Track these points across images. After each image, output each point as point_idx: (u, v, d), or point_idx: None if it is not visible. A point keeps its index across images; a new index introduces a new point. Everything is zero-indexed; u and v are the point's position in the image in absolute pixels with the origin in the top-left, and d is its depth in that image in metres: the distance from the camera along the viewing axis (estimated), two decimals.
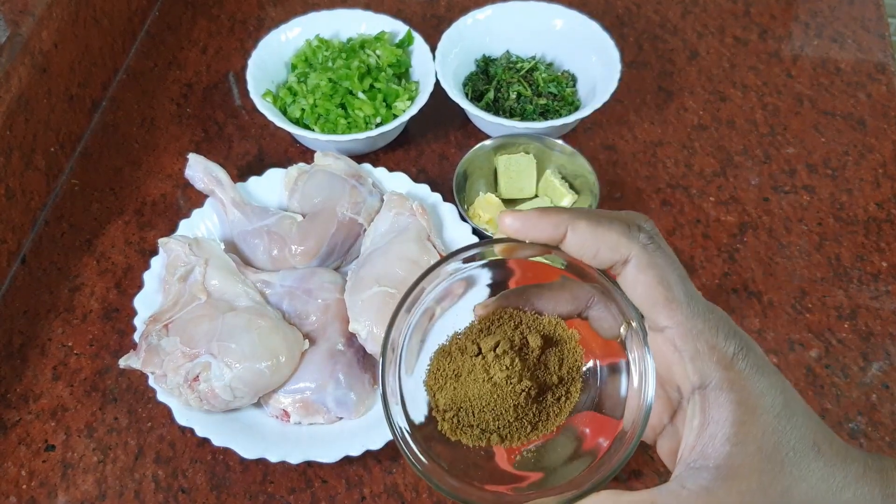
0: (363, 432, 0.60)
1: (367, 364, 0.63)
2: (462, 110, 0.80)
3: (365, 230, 0.69)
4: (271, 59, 0.82)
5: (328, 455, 0.58)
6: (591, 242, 0.33)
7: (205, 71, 0.89)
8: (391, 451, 0.61)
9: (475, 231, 0.70)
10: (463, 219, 0.70)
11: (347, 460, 0.59)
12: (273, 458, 0.58)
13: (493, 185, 0.76)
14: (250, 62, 0.79)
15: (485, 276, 0.38)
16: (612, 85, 0.77)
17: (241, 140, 0.83)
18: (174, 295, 0.63)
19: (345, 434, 0.60)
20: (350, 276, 0.65)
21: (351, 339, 0.63)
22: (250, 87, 0.77)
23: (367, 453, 0.58)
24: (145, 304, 0.65)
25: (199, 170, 0.70)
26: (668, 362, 0.33)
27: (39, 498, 0.60)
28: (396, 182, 0.73)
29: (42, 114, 0.74)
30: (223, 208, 0.70)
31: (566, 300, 0.36)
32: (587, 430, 0.37)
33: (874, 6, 0.94)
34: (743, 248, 0.74)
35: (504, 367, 0.35)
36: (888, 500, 0.33)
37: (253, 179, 0.73)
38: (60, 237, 0.75)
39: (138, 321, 0.64)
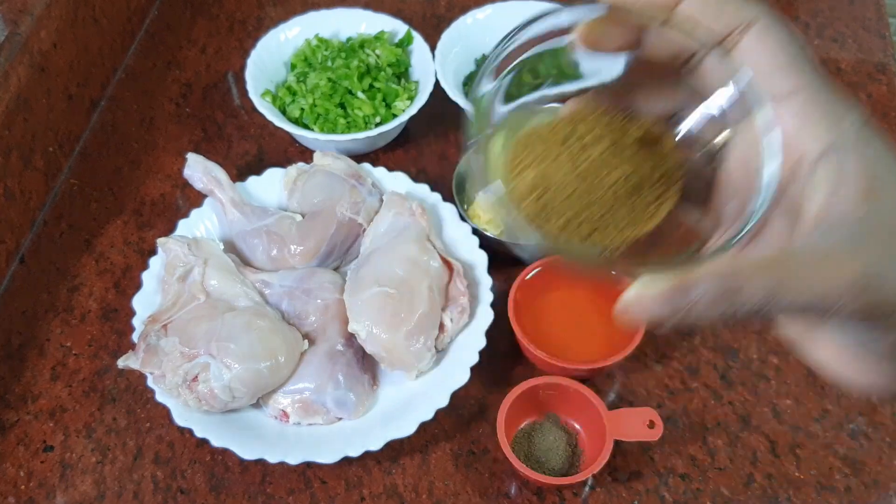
0: (362, 433, 0.59)
1: (366, 364, 0.63)
2: (462, 110, 0.80)
3: (364, 230, 0.69)
4: (270, 58, 0.81)
5: (327, 456, 0.58)
6: (714, 2, 0.30)
7: (204, 71, 0.89)
8: (391, 451, 0.61)
9: (475, 231, 0.69)
10: (463, 219, 0.70)
11: (347, 461, 0.59)
12: (272, 459, 0.57)
13: None
14: (249, 62, 0.79)
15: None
16: None
17: (241, 140, 0.82)
18: (173, 295, 0.63)
19: (344, 434, 0.60)
20: (350, 276, 0.65)
21: (350, 339, 0.63)
22: (249, 86, 0.77)
23: (367, 454, 0.58)
24: (144, 304, 0.64)
25: (199, 169, 0.70)
26: (785, 132, 0.30)
27: (38, 498, 0.60)
28: (396, 182, 0.72)
29: (41, 113, 0.74)
30: (222, 208, 0.69)
31: (665, 97, 0.34)
32: None
33: (874, 6, 0.94)
34: None
35: (597, 154, 0.31)
36: None
37: (252, 179, 0.73)
38: (59, 237, 0.75)
39: (137, 321, 0.63)
